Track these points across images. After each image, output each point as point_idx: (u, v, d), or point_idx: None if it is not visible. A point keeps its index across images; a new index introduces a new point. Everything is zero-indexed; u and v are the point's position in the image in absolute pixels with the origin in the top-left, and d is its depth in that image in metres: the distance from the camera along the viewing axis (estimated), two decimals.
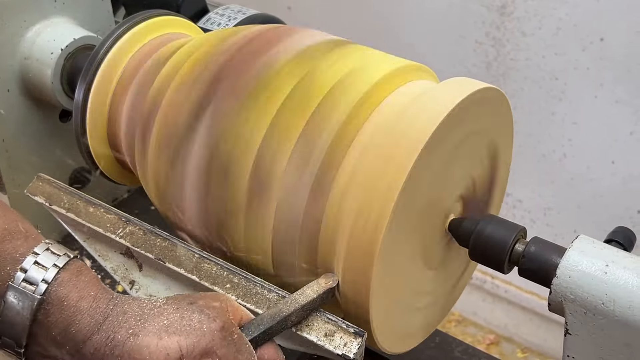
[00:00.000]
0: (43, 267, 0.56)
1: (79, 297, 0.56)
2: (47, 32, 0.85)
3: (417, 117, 0.60)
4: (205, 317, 0.57)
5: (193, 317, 0.56)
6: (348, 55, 0.67)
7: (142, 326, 0.55)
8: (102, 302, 0.57)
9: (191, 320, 0.56)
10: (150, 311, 0.57)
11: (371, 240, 0.59)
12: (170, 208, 0.71)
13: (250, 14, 0.97)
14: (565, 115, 1.51)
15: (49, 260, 0.57)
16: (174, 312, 0.57)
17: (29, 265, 0.56)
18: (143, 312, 0.57)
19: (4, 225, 0.57)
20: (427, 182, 0.62)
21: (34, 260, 0.57)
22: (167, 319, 0.56)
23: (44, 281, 0.56)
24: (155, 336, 0.55)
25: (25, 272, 0.56)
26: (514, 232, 0.64)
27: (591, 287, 0.59)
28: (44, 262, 0.57)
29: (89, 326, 0.56)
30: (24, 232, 0.58)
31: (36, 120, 0.89)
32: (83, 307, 0.56)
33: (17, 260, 0.56)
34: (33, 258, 0.57)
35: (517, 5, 1.47)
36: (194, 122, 0.66)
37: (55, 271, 0.56)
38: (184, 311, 0.57)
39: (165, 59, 0.74)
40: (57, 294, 0.56)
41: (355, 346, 0.60)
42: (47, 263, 0.57)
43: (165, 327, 0.56)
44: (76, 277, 0.57)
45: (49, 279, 0.56)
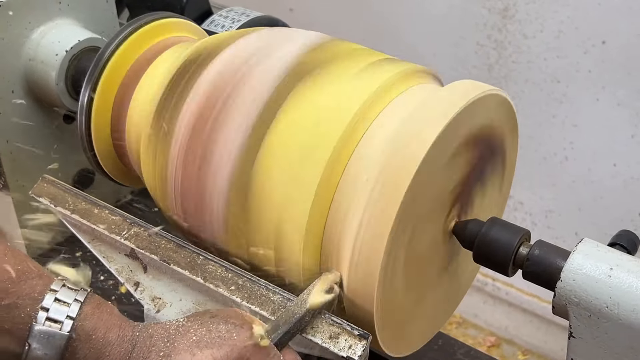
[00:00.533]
0: (65, 303, 0.56)
1: (106, 329, 0.56)
2: (52, 34, 0.86)
3: (423, 121, 0.60)
4: (232, 326, 0.57)
5: (220, 329, 0.57)
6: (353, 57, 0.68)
7: (171, 347, 0.55)
8: (127, 331, 0.56)
9: (219, 331, 0.56)
10: (175, 331, 0.57)
11: (376, 243, 0.59)
12: (174, 209, 0.72)
13: (253, 16, 0.98)
14: (567, 118, 1.52)
15: (68, 296, 0.56)
16: (199, 327, 0.57)
17: (50, 303, 0.55)
18: (169, 333, 0.57)
19: (16, 266, 0.56)
20: (432, 186, 0.62)
21: (54, 298, 0.56)
22: (195, 334, 0.56)
23: (69, 317, 0.55)
24: (188, 353, 0.55)
25: (47, 311, 0.55)
26: (518, 235, 0.64)
27: (595, 291, 0.59)
28: (64, 298, 0.56)
29: (120, 356, 0.55)
30: (36, 271, 0.57)
31: (40, 122, 0.90)
32: (111, 338, 0.56)
33: (36, 299, 0.55)
34: (52, 295, 0.56)
35: (518, 8, 1.47)
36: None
37: (78, 306, 0.56)
38: (209, 325, 0.57)
39: (170, 62, 0.74)
40: (84, 328, 0.55)
41: (360, 348, 0.60)
42: (67, 299, 0.56)
43: (195, 343, 0.55)
44: (98, 309, 0.57)
45: (74, 315, 0.55)
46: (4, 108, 0.85)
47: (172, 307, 0.68)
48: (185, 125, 0.68)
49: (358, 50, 0.69)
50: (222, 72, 0.69)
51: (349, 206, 0.61)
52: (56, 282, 0.57)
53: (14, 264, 0.56)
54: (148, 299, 0.69)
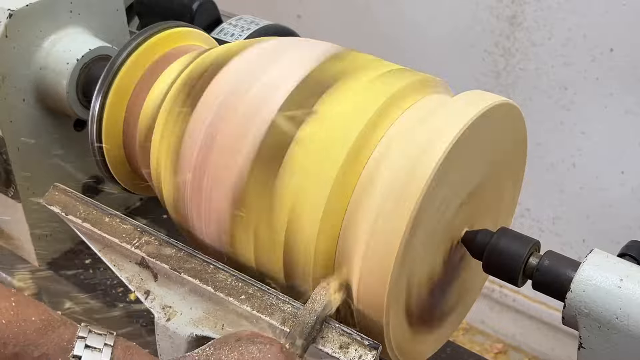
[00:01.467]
0: (96, 349, 0.56)
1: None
2: (63, 43, 0.86)
3: (433, 133, 0.60)
4: (261, 345, 0.57)
5: (251, 349, 0.57)
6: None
7: None
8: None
9: (251, 352, 0.57)
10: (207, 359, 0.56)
11: (387, 253, 0.59)
12: (185, 217, 0.72)
13: (263, 25, 0.98)
14: (574, 125, 1.52)
15: (98, 341, 0.56)
16: (230, 352, 0.57)
17: (81, 351, 0.55)
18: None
19: (40, 316, 0.56)
20: (443, 196, 0.62)
21: (85, 344, 0.56)
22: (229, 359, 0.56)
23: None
24: None
25: (80, 359, 0.55)
26: (528, 246, 0.65)
27: (605, 302, 0.59)
28: (95, 344, 0.56)
29: None
30: (60, 320, 0.57)
31: (51, 130, 0.90)
32: None
33: (66, 348, 0.55)
34: (82, 342, 0.56)
35: (526, 16, 1.47)
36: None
37: (109, 351, 0.56)
38: (238, 348, 0.57)
39: (181, 71, 0.74)
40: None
41: (370, 358, 0.60)
42: (98, 344, 0.56)
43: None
44: (129, 351, 0.57)
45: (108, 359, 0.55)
46: (15, 116, 0.86)
47: (182, 316, 0.68)
48: (197, 135, 0.68)
49: (372, 61, 0.70)
50: (234, 81, 0.69)
51: (360, 217, 0.61)
52: (82, 328, 0.57)
53: (37, 314, 0.56)
54: (158, 308, 0.69)
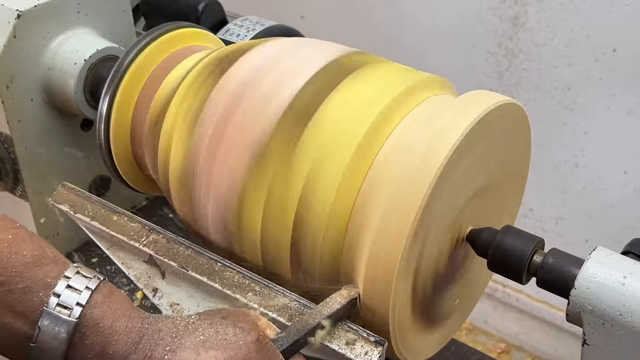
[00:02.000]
0: (76, 290, 0.57)
1: (114, 318, 0.57)
2: (70, 43, 0.87)
3: (439, 132, 0.61)
4: (239, 330, 0.58)
5: (228, 331, 0.57)
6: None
7: (178, 343, 0.56)
8: (136, 322, 0.57)
9: (226, 334, 0.57)
10: (184, 328, 0.57)
11: (393, 250, 0.60)
12: (193, 217, 0.73)
13: (268, 25, 0.99)
14: (577, 126, 1.52)
15: (80, 283, 0.57)
16: (208, 327, 0.57)
17: (62, 289, 0.56)
18: (178, 329, 0.57)
19: (33, 252, 0.57)
20: (448, 195, 0.63)
21: (66, 284, 0.57)
22: (203, 334, 0.57)
23: (79, 304, 0.56)
24: (193, 352, 0.56)
25: (59, 297, 0.56)
26: (532, 244, 0.65)
27: (609, 299, 0.60)
28: (76, 286, 0.57)
29: (126, 346, 0.56)
30: (52, 257, 0.58)
31: (58, 129, 0.91)
32: (119, 327, 0.56)
33: (49, 285, 0.56)
34: (65, 282, 0.57)
35: (529, 16, 1.48)
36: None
37: (88, 294, 0.57)
38: (218, 326, 0.58)
39: (189, 70, 0.75)
40: (93, 316, 0.56)
41: (376, 355, 0.61)
42: (79, 286, 0.57)
43: (201, 342, 0.56)
44: (109, 298, 0.58)
45: (83, 302, 0.56)
46: (23, 116, 0.86)
47: (190, 313, 0.69)
48: (220, 99, 0.69)
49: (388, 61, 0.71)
50: (261, 60, 0.70)
51: (367, 212, 0.62)
52: (70, 268, 0.58)
53: (31, 249, 0.57)
54: (166, 305, 0.70)
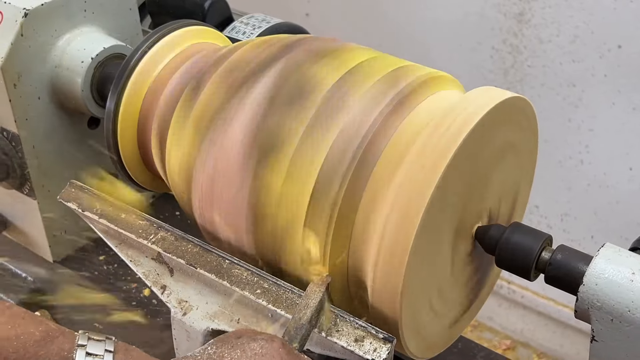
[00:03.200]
0: (97, 356, 0.56)
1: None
2: (77, 41, 0.87)
3: (446, 129, 0.61)
4: (262, 342, 0.58)
5: (253, 347, 0.57)
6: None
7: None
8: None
9: (253, 350, 0.57)
10: (209, 359, 0.57)
11: (401, 246, 0.60)
12: (200, 215, 0.73)
13: (274, 23, 0.99)
14: (582, 122, 1.52)
15: (98, 348, 0.57)
16: (231, 350, 0.57)
17: (83, 358, 0.56)
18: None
19: (38, 328, 0.56)
20: (456, 190, 0.63)
21: (85, 352, 0.56)
22: (232, 357, 0.57)
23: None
24: None
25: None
26: (540, 240, 0.65)
27: (617, 295, 0.60)
28: (95, 352, 0.56)
29: None
30: (58, 329, 0.57)
31: (65, 128, 0.91)
32: None
33: (67, 358, 0.56)
34: (83, 350, 0.56)
35: (534, 13, 1.48)
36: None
37: (110, 356, 0.56)
38: (239, 346, 0.58)
39: (198, 68, 0.75)
40: None
41: (385, 351, 0.61)
42: (98, 351, 0.56)
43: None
44: (129, 354, 0.57)
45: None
46: (30, 114, 0.87)
47: (198, 310, 0.69)
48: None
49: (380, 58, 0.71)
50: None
51: (375, 206, 0.62)
52: (81, 336, 0.58)
53: (35, 326, 0.56)
54: (175, 302, 0.70)
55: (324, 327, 0.63)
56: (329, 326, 0.63)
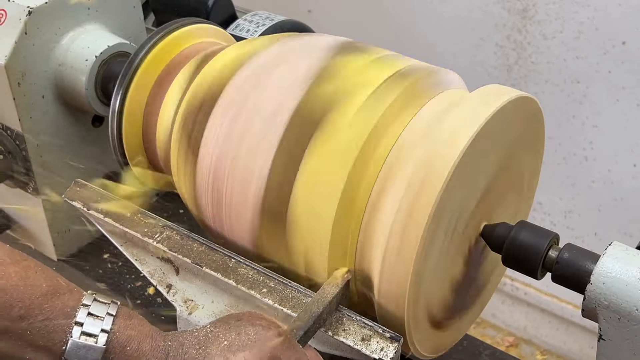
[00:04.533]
0: (98, 317, 0.57)
1: (140, 340, 0.57)
2: (81, 39, 0.87)
3: (453, 128, 0.61)
4: (259, 328, 0.58)
5: (249, 331, 0.58)
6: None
7: (204, 353, 0.56)
8: (159, 341, 0.57)
9: (248, 334, 0.57)
10: (205, 337, 0.58)
11: (408, 247, 0.60)
12: (207, 215, 0.72)
13: (278, 20, 0.99)
14: (587, 119, 1.52)
15: (101, 310, 0.57)
16: (228, 332, 0.58)
17: (84, 317, 0.56)
18: (199, 340, 0.58)
19: (47, 282, 0.57)
20: (463, 190, 0.63)
21: (87, 312, 0.57)
22: (226, 339, 0.57)
23: (104, 331, 0.56)
24: (222, 357, 0.56)
25: (82, 325, 0.56)
26: (547, 239, 0.65)
27: (625, 294, 0.60)
28: (97, 313, 0.57)
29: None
30: (67, 286, 0.58)
31: (69, 126, 0.91)
32: (145, 349, 0.57)
33: (69, 314, 0.56)
34: (85, 310, 0.57)
35: (538, 9, 1.47)
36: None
37: (111, 320, 0.57)
38: (238, 328, 0.58)
39: (202, 65, 0.75)
40: (119, 341, 0.56)
41: (392, 351, 0.61)
42: (100, 313, 0.57)
43: (227, 347, 0.57)
44: (130, 321, 0.58)
45: (108, 328, 0.56)
46: (34, 112, 0.86)
47: (204, 309, 0.69)
48: (214, 133, 0.69)
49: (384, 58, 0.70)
50: (249, 80, 0.69)
51: (381, 210, 0.62)
52: (87, 296, 0.58)
53: (44, 280, 0.57)
54: (180, 301, 0.70)
55: (331, 326, 0.63)
56: (335, 325, 0.63)
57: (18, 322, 0.55)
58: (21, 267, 0.57)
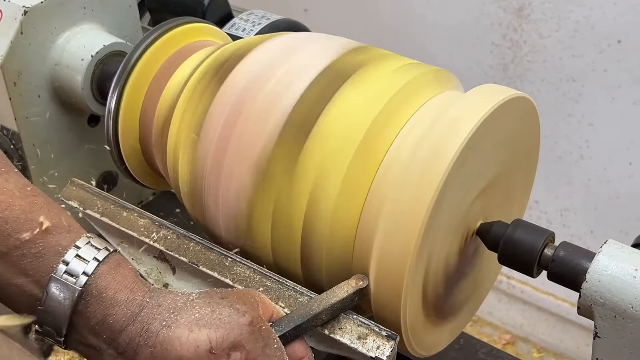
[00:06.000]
0: (84, 260, 0.59)
1: (117, 290, 0.59)
2: (77, 39, 0.87)
3: (450, 127, 0.61)
4: (234, 311, 0.59)
5: (223, 312, 0.59)
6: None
7: (174, 319, 0.58)
8: (138, 295, 0.59)
9: (221, 314, 0.59)
10: (183, 305, 0.59)
11: (403, 247, 0.60)
12: (200, 199, 0.72)
13: (274, 19, 0.99)
14: (582, 117, 1.52)
15: (89, 253, 0.60)
16: (205, 306, 0.59)
17: (71, 258, 0.59)
18: (176, 306, 0.59)
19: (48, 220, 0.60)
20: (458, 191, 0.63)
21: (76, 253, 0.59)
22: (199, 312, 0.59)
23: (85, 274, 0.59)
24: (187, 329, 0.57)
25: (67, 265, 0.59)
26: (543, 237, 0.65)
27: (620, 291, 0.60)
28: (85, 255, 0.59)
29: (125, 317, 0.58)
30: (67, 226, 0.61)
31: (66, 125, 0.91)
32: (120, 298, 0.58)
33: (59, 253, 0.59)
34: (75, 251, 0.59)
35: (534, 8, 1.48)
36: None
37: (95, 264, 0.59)
38: (215, 305, 0.59)
39: (202, 60, 0.75)
40: (97, 285, 0.59)
41: (388, 349, 0.61)
42: (88, 256, 0.59)
43: (196, 320, 0.58)
44: (115, 270, 0.60)
45: (89, 272, 0.59)
46: (30, 112, 0.86)
47: None
48: (222, 110, 0.69)
49: (391, 55, 0.71)
50: (258, 67, 0.69)
51: (378, 206, 0.62)
52: (82, 238, 0.60)
53: (46, 217, 0.59)
54: None
55: (327, 324, 0.63)
56: (331, 323, 0.63)
57: (13, 251, 0.58)
58: (28, 202, 0.60)
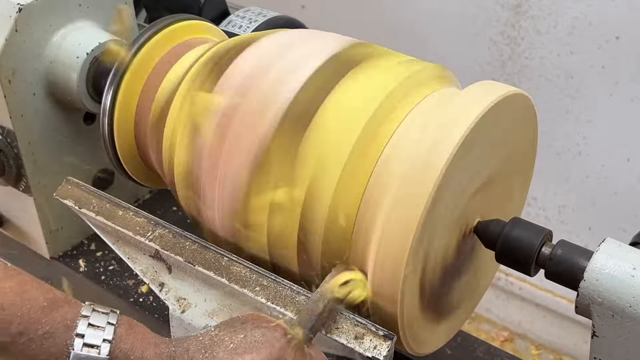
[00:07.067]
0: (99, 327, 0.56)
1: (143, 348, 0.57)
2: (73, 36, 0.86)
3: (447, 124, 0.61)
4: (265, 329, 0.58)
5: (255, 333, 0.58)
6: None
7: (210, 356, 0.56)
8: (163, 347, 0.57)
9: (254, 336, 0.57)
10: (210, 341, 0.58)
11: (400, 243, 0.59)
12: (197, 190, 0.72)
13: (270, 16, 0.98)
14: (580, 114, 1.52)
15: (101, 320, 0.57)
16: (234, 334, 0.58)
17: (84, 329, 0.56)
18: (204, 345, 0.57)
19: (45, 295, 0.57)
20: (456, 187, 0.62)
21: (88, 323, 0.56)
22: (232, 342, 0.57)
23: (106, 341, 0.56)
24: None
25: (83, 337, 0.56)
26: (540, 235, 0.65)
27: (618, 290, 0.60)
28: (97, 323, 0.57)
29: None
30: (64, 299, 0.58)
31: (61, 123, 0.90)
32: (149, 356, 0.57)
33: (69, 327, 0.56)
34: (85, 321, 0.57)
35: (532, 4, 1.47)
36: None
37: (112, 329, 0.57)
38: (243, 331, 0.58)
39: (201, 54, 0.74)
40: (122, 350, 0.56)
41: (385, 349, 0.61)
42: (100, 323, 0.57)
43: (234, 349, 0.56)
44: (132, 329, 0.58)
45: (110, 338, 0.56)
46: (25, 110, 0.86)
47: (197, 308, 0.69)
48: (220, 102, 0.69)
49: (391, 52, 0.70)
50: (259, 58, 0.69)
51: (375, 202, 0.62)
52: (85, 307, 0.58)
53: (41, 294, 0.57)
54: (173, 300, 0.70)
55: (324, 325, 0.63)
56: (329, 323, 0.63)
57: (18, 338, 0.54)
58: (16, 282, 0.56)
